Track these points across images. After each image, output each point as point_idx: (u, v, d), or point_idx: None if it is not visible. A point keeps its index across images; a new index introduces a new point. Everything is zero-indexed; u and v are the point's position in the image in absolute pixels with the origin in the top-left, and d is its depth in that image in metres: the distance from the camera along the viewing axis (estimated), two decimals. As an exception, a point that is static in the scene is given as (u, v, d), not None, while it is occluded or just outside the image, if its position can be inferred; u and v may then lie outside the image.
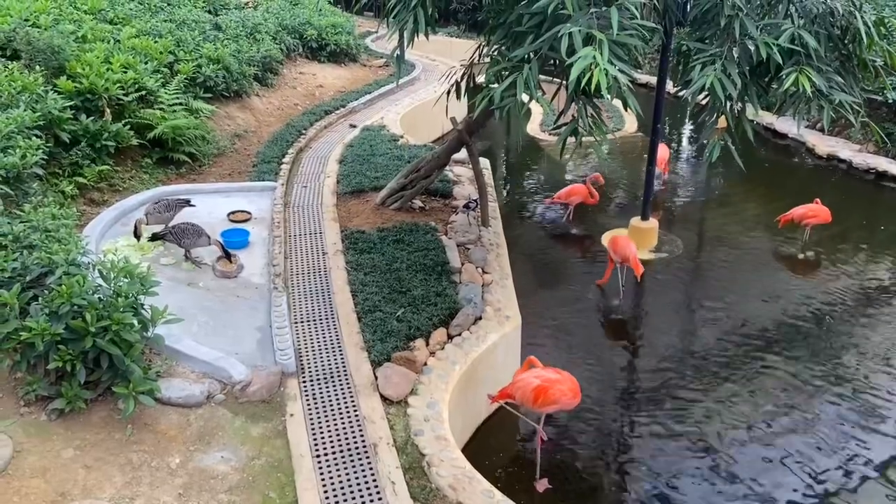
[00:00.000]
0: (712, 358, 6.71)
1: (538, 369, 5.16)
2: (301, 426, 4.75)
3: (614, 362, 6.80)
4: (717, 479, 5.24)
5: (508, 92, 5.19)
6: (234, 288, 6.36)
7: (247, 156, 10.02)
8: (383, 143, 10.56)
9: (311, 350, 5.56)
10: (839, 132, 12.40)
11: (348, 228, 7.61)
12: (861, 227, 9.56)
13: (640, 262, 7.47)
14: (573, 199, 9.33)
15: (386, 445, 4.62)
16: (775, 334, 7.07)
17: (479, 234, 7.60)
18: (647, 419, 5.91)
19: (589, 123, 5.33)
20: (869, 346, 6.86)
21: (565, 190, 9.40)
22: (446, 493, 4.27)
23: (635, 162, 11.84)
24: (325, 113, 12.26)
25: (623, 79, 4.73)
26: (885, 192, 10.82)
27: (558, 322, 7.40)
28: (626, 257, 7.52)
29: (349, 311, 6.05)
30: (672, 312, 7.74)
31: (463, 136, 7.75)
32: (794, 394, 6.18)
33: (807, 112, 5.51)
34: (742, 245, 9.05)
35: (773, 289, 7.97)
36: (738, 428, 5.76)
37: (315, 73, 14.66)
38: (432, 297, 6.16)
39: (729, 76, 5.21)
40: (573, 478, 5.34)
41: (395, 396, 5.05)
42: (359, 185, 8.75)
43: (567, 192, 9.36)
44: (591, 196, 9.24)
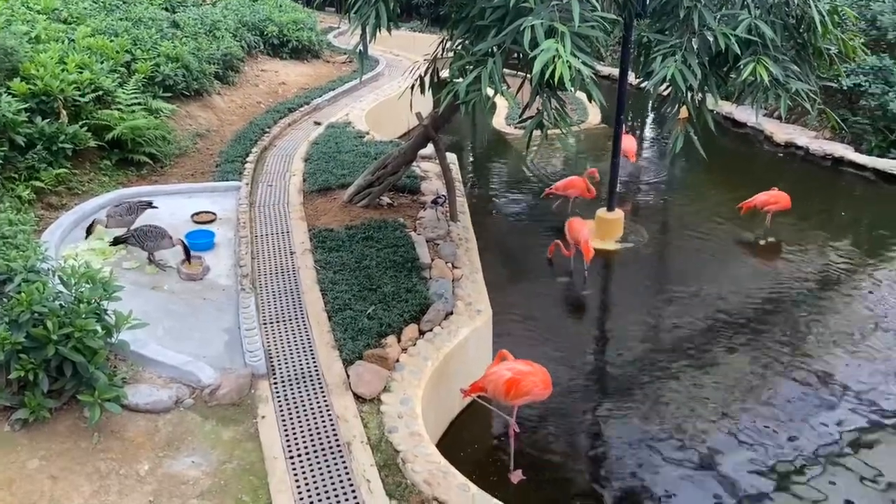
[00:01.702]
0: (680, 343, 6.82)
1: (510, 362, 5.19)
2: (273, 428, 4.71)
3: (585, 352, 6.87)
4: (685, 463, 5.33)
5: (473, 86, 5.19)
6: (200, 290, 6.26)
7: (210, 155, 9.87)
8: (349, 139, 10.49)
9: (282, 351, 5.50)
10: (796, 120, 12.67)
11: (316, 227, 7.54)
12: (820, 212, 9.80)
13: (591, 247, 7.69)
14: (570, 191, 9.37)
15: (360, 444, 4.60)
16: (740, 318, 7.21)
17: (447, 229, 7.61)
18: (618, 406, 5.98)
19: (554, 116, 5.37)
20: (829, 328, 7.04)
21: (563, 182, 9.42)
22: (422, 488, 4.27)
23: (600, 153, 11.95)
24: (289, 110, 12.13)
25: (586, 71, 4.76)
26: (842, 177, 11.09)
27: (529, 314, 7.44)
28: (577, 240, 7.75)
29: (319, 310, 6.00)
30: (640, 301, 7.84)
31: (429, 132, 7.74)
32: (758, 375, 6.31)
33: (765, 101, 5.62)
34: (706, 233, 9.20)
35: (737, 274, 8.13)
36: (705, 411, 5.86)
37: (277, 70, 14.49)
38: (403, 294, 6.15)
39: (689, 67, 5.29)
40: (547, 468, 5.39)
41: (367, 394, 5.04)
42: (325, 182, 8.68)
43: (565, 184, 9.39)
44: (588, 190, 9.27)
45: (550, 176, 11.60)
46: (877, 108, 11.54)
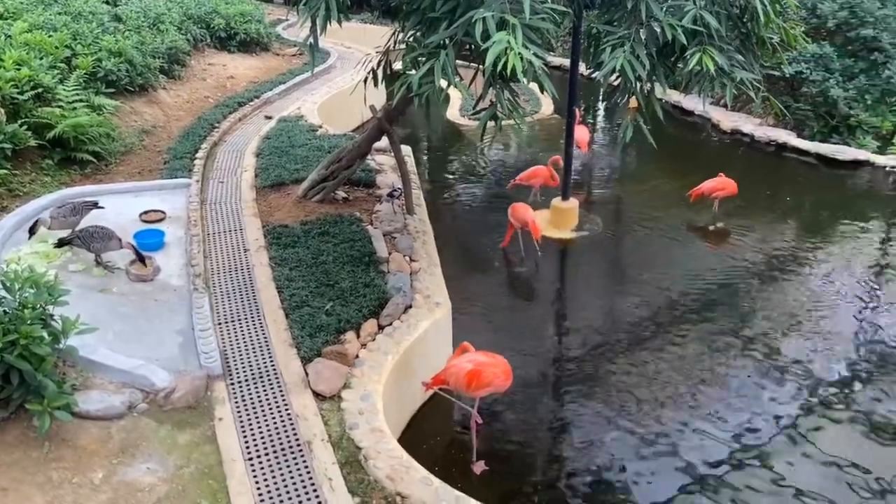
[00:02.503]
0: (636, 329, 6.95)
1: (470, 353, 5.21)
2: (231, 430, 4.63)
3: (544, 341, 6.94)
4: (644, 446, 5.44)
5: (426, 78, 5.17)
6: (150, 292, 6.11)
7: (157, 152, 9.61)
8: (301, 133, 10.34)
9: (238, 351, 5.41)
10: (741, 107, 12.99)
11: (270, 223, 7.43)
12: (766, 198, 10.08)
13: (537, 226, 7.91)
14: (535, 181, 9.43)
15: (321, 442, 4.56)
16: (693, 302, 7.38)
17: (404, 222, 7.58)
18: (578, 394, 6.07)
19: (507, 107, 5.38)
20: (777, 309, 7.26)
21: (527, 172, 9.47)
22: (385, 484, 4.26)
23: (554, 144, 12.05)
24: (239, 105, 11.89)
25: (537, 62, 4.79)
26: (786, 162, 11.43)
27: (488, 305, 7.48)
28: (524, 222, 7.94)
29: (275, 307, 5.92)
30: (596, 288, 7.97)
31: (383, 125, 7.68)
32: (712, 358, 6.47)
33: (711, 90, 5.73)
34: (658, 220, 9.38)
35: (689, 260, 8.32)
36: (663, 395, 5.99)
37: (225, 63, 14.18)
38: (361, 289, 6.11)
39: (638, 57, 5.36)
40: (509, 457, 5.44)
41: (327, 391, 4.99)
42: (278, 178, 8.55)
43: (529, 174, 9.44)
44: (553, 178, 9.36)
45: (505, 167, 11.67)
46: (818, 94, 11.92)
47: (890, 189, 10.34)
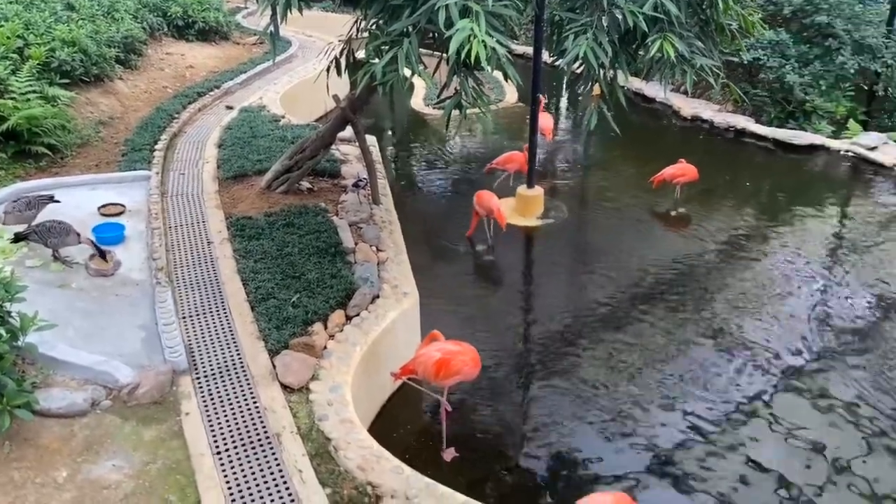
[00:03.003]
0: (602, 314, 7.04)
1: (439, 343, 5.22)
2: (198, 424, 4.58)
3: (512, 328, 6.99)
4: (610, 429, 5.53)
5: (390, 67, 5.14)
6: (111, 286, 5.98)
7: (115, 144, 9.38)
8: (264, 124, 10.20)
9: (203, 344, 5.34)
10: (701, 94, 13.19)
11: (233, 215, 7.32)
12: (726, 183, 10.28)
13: (503, 213, 7.95)
14: (510, 166, 9.43)
15: (290, 434, 4.53)
16: (657, 287, 7.51)
17: (370, 212, 7.54)
18: (545, 378, 6.13)
19: (472, 95, 5.38)
20: (737, 291, 7.42)
21: (503, 157, 9.46)
22: (355, 474, 4.26)
23: (519, 132, 12.10)
24: (199, 95, 11.66)
25: (501, 50, 4.79)
26: (745, 147, 11.66)
27: (455, 293, 7.50)
28: (489, 209, 7.97)
29: (241, 300, 5.85)
30: (562, 275, 8.05)
31: (347, 114, 7.62)
32: (676, 341, 6.60)
33: (671, 76, 5.81)
34: (621, 206, 9.50)
35: (652, 245, 8.45)
36: (627, 378, 6.09)
37: (184, 52, 13.88)
38: (328, 280, 6.07)
39: (600, 45, 5.40)
40: (479, 444, 5.48)
41: (296, 384, 4.96)
42: (241, 169, 8.42)
43: (505, 158, 9.44)
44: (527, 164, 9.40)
45: (471, 155, 11.68)
46: (775, 80, 12.16)
47: (844, 172, 10.62)
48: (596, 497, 4.27)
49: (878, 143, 10.79)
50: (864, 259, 8.07)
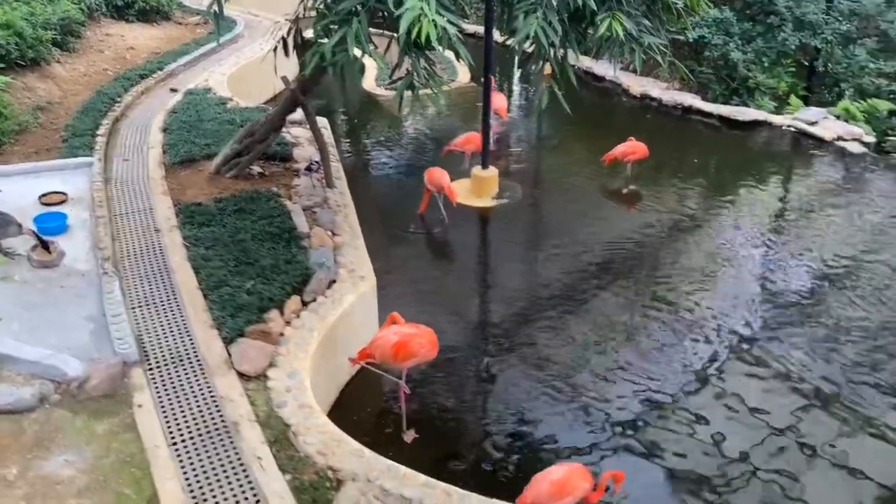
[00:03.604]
0: (558, 292, 7.14)
1: (396, 326, 5.22)
2: (152, 416, 4.50)
3: (469, 308, 7.03)
4: (569, 405, 5.64)
5: (339, 47, 5.05)
6: (56, 278, 5.79)
7: (54, 130, 9.03)
8: (211, 107, 9.94)
9: (155, 335, 5.23)
10: (650, 72, 13.35)
11: (182, 202, 7.14)
12: (674, 159, 10.48)
13: (453, 190, 8.04)
14: (469, 146, 9.40)
15: (248, 422, 4.49)
16: (611, 264, 7.64)
17: (324, 195, 7.45)
18: (503, 357, 6.20)
19: (424, 76, 5.34)
20: (688, 266, 7.62)
21: (461, 138, 9.41)
22: (315, 459, 4.25)
23: (472, 112, 12.08)
24: (141, 77, 11.28)
25: (452, 29, 4.76)
26: (692, 124, 11.89)
27: (412, 275, 7.50)
28: (440, 186, 8.05)
29: (193, 288, 5.73)
30: (518, 254, 8.12)
31: (297, 96, 7.48)
32: (630, 316, 6.75)
33: (620, 55, 5.87)
34: (574, 185, 9.61)
35: (605, 223, 8.58)
36: (584, 355, 6.20)
37: (124, 34, 13.39)
38: (282, 266, 5.99)
39: (550, 24, 5.41)
40: (439, 424, 5.52)
41: (252, 371, 4.91)
42: (188, 154, 8.21)
43: (463, 140, 9.39)
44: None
45: (424, 136, 11.64)
46: (719, 58, 12.41)
47: (786, 147, 10.95)
48: (553, 469, 4.36)
49: (819, 118, 11.14)
50: (807, 230, 8.36)
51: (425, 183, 8.23)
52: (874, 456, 5.14)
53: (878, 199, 9.14)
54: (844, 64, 12.63)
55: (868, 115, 11.56)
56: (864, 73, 12.25)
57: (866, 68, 12.26)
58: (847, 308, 6.84)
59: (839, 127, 10.95)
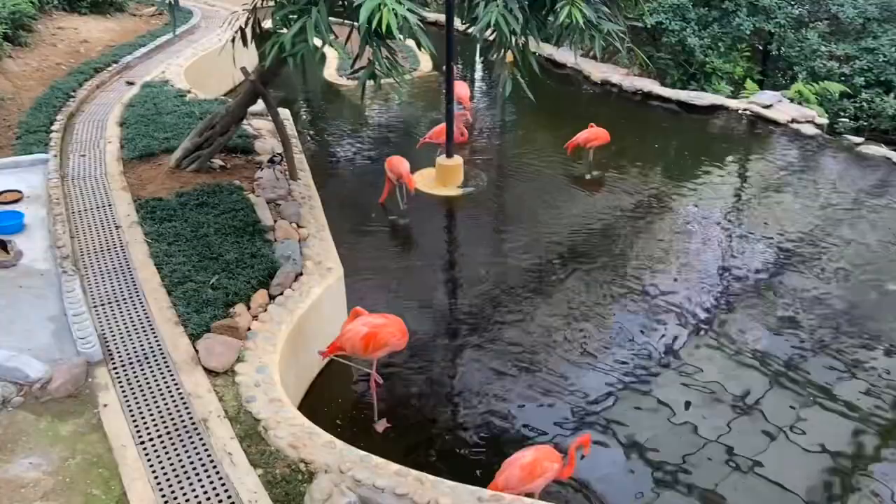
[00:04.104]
0: (525, 279, 7.21)
1: (364, 317, 5.22)
2: (118, 415, 4.43)
3: (437, 296, 7.06)
4: (537, 388, 5.72)
5: (299, 37, 5.01)
6: (14, 278, 5.65)
7: (7, 127, 8.77)
8: (169, 99, 9.75)
9: (119, 334, 5.14)
10: (609, 58, 13.49)
11: (142, 197, 7.02)
12: (635, 145, 10.62)
13: (412, 178, 8.11)
14: (443, 137, 9.37)
15: (217, 418, 4.45)
16: (576, 250, 7.73)
17: (288, 188, 7.39)
18: (472, 344, 6.25)
19: (385, 65, 5.32)
20: (651, 249, 7.75)
21: (436, 129, 9.38)
22: (287, 452, 4.24)
23: (435, 101, 12.07)
24: (96, 71, 11.01)
25: (412, 18, 4.75)
26: (651, 109, 12.06)
27: (380, 265, 7.49)
28: (399, 174, 8.09)
29: (156, 285, 5.65)
30: (485, 242, 8.16)
31: (257, 87, 7.38)
32: (595, 299, 6.85)
33: (581, 42, 5.92)
34: (538, 172, 9.68)
35: (569, 209, 8.67)
36: (551, 340, 6.28)
37: (77, 27, 13.02)
38: (247, 260, 5.93)
39: (511, 11, 5.42)
40: (411, 413, 5.55)
41: (220, 367, 4.86)
42: (147, 148, 8.05)
43: (438, 131, 9.37)
44: (462, 135, 9.38)
45: (388, 125, 11.58)
46: (677, 43, 12.59)
47: (743, 130, 11.18)
48: (522, 453, 4.43)
49: (773, 101, 11.40)
50: (765, 210, 8.57)
51: (386, 172, 8.23)
52: (831, 429, 5.32)
53: (832, 179, 9.42)
54: (797, 48, 12.93)
55: (820, 97, 11.87)
56: (815, 56, 12.56)
57: (818, 51, 12.57)
58: (804, 283, 7.05)
59: (793, 109, 11.22)
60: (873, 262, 7.42)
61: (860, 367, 5.94)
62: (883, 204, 8.68)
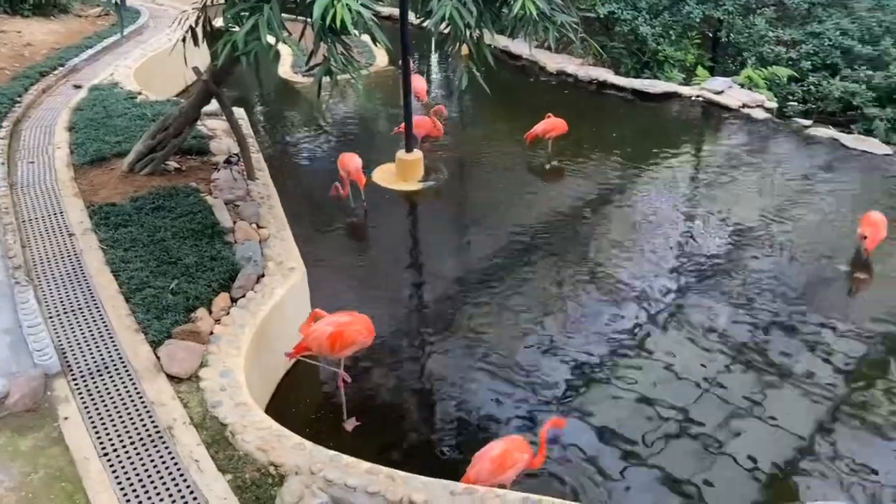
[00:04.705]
0: (487, 270, 7.24)
1: (329, 316, 5.18)
2: (80, 427, 4.33)
3: (403, 292, 7.04)
4: (505, 379, 5.75)
5: (252, 35, 4.93)
6: (-37, 292, 5.46)
7: (-53, 135, 8.45)
8: (119, 102, 9.52)
9: (77, 344, 5.02)
10: (564, 49, 13.60)
11: (95, 203, 6.84)
12: (593, 134, 10.74)
13: (362, 175, 8.10)
14: (418, 131, 9.31)
15: (182, 425, 4.38)
16: (538, 239, 7.79)
17: (246, 188, 7.28)
18: (439, 338, 6.26)
19: (341, 61, 5.27)
20: (612, 236, 7.86)
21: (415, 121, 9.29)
22: (256, 456, 4.19)
23: (393, 95, 12.01)
24: (41, 75, 10.67)
25: (367, 13, 4.72)
26: (607, 99, 12.20)
27: (343, 263, 7.45)
28: (349, 171, 8.08)
29: (114, 292, 5.52)
30: (448, 236, 8.17)
31: (210, 87, 7.25)
32: (559, 288, 6.92)
33: (535, 33, 5.96)
34: (498, 164, 9.73)
35: (530, 200, 8.73)
36: (518, 331, 6.32)
37: (20, 29, 12.60)
38: (207, 263, 5.84)
39: (465, 4, 5.43)
40: (380, 410, 5.53)
41: (183, 373, 4.78)
42: (98, 152, 7.85)
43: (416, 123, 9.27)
44: (436, 128, 9.33)
45: (346, 121, 11.50)
46: (629, 32, 12.75)
47: (696, 116, 11.39)
48: (492, 445, 4.46)
49: (724, 87, 11.64)
50: (720, 194, 8.76)
51: (339, 168, 8.21)
52: (789, 405, 5.48)
53: (782, 161, 9.67)
54: (745, 34, 13.21)
55: (769, 82, 12.16)
56: (763, 41, 12.85)
57: (766, 37, 12.87)
58: (760, 264, 7.24)
59: (744, 95, 11.47)
60: (823, 241, 7.64)
61: (815, 343, 6.12)
62: (831, 184, 8.94)
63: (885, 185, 8.98)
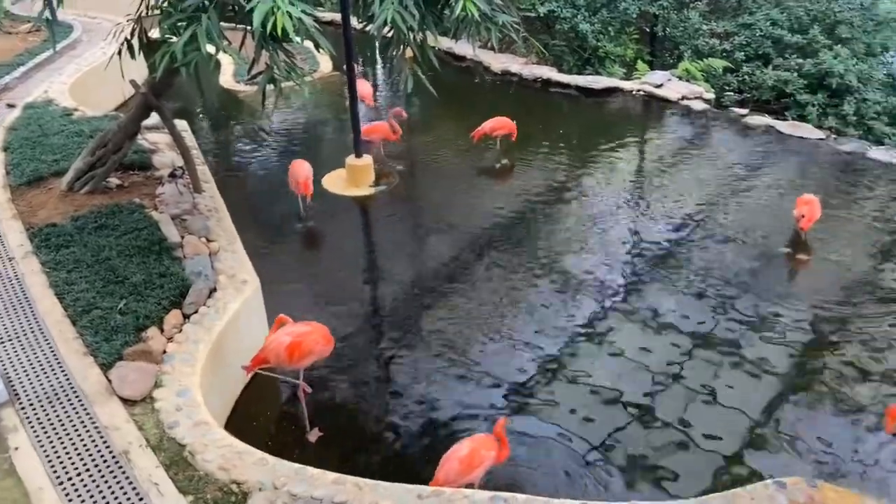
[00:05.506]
0: (443, 271, 7.25)
1: (288, 326, 5.12)
2: (31, 457, 4.18)
3: (360, 300, 6.99)
4: (467, 379, 5.77)
5: (190, 45, 4.83)
6: None
7: None
8: (55, 119, 9.19)
9: (23, 371, 4.84)
10: (507, 48, 13.73)
11: (35, 225, 6.60)
12: (540, 131, 10.86)
13: (309, 185, 8.05)
14: (374, 136, 9.23)
15: (139, 448, 4.27)
16: (491, 238, 7.84)
17: (193, 201, 7.13)
18: (398, 343, 6.24)
19: (284, 69, 5.21)
20: (564, 232, 7.97)
21: (367, 127, 9.21)
22: (217, 475, 4.11)
23: (339, 101, 11.92)
24: (-31, 95, 10.25)
25: (308, 19, 4.68)
26: (552, 96, 12.36)
27: (298, 272, 7.37)
28: (296, 180, 8.04)
29: (59, 316, 5.34)
30: (402, 239, 8.15)
31: (149, 100, 7.07)
32: (515, 285, 6.98)
33: (477, 34, 6.00)
34: (449, 165, 9.76)
35: (482, 199, 8.78)
36: (477, 331, 6.35)
37: (-58, 47, 12.09)
38: (156, 280, 5.70)
39: (406, 8, 5.42)
40: (343, 419, 5.49)
41: (136, 395, 4.65)
42: (35, 172, 7.57)
43: (369, 129, 9.21)
44: (394, 131, 9.25)
45: (292, 129, 11.36)
46: (569, 30, 12.96)
47: (639, 110, 11.64)
48: (459, 446, 4.47)
49: (664, 80, 11.93)
50: (665, 185, 8.97)
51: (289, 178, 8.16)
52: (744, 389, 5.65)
53: (722, 150, 9.97)
54: (681, 28, 13.57)
55: (706, 73, 12.52)
56: (698, 34, 13.22)
57: (700, 30, 13.24)
58: (703, 254, 7.43)
59: (682, 87, 11.78)
60: (761, 226, 7.89)
61: (761, 325, 6.32)
62: (768, 170, 9.26)
63: (819, 168, 9.34)
